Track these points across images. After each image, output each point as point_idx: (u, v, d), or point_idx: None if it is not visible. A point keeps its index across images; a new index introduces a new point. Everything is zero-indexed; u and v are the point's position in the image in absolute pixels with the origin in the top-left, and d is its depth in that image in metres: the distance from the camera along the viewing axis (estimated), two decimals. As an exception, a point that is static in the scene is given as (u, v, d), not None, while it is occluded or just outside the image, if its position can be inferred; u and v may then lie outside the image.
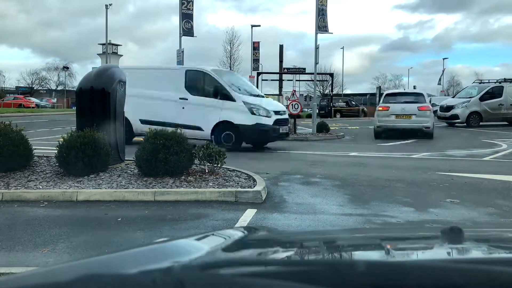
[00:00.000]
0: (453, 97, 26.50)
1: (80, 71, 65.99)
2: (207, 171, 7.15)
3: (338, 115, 36.35)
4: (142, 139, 8.21)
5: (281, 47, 43.11)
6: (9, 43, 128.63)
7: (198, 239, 1.17)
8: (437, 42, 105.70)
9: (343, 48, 57.37)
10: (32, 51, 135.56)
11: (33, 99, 50.29)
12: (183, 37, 19.58)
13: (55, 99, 58.73)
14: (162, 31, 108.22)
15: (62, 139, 7.08)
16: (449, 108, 22.70)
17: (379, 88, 45.83)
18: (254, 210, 5.58)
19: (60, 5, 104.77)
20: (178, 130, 7.09)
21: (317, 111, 21.81)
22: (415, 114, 15.45)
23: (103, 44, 47.85)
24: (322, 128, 17.77)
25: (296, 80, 38.15)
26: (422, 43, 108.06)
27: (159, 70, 13.44)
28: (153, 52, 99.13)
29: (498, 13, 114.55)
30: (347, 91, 63.03)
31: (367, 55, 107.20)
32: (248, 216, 5.34)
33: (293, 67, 38.34)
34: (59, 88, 66.37)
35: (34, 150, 7.64)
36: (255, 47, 35.99)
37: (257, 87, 32.79)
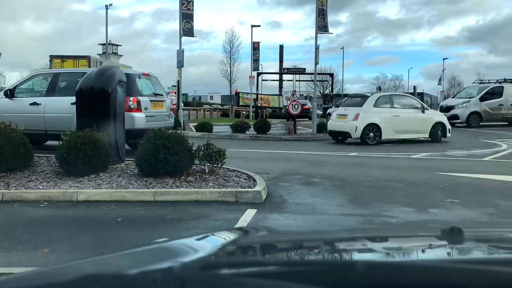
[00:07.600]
0: (453, 97, 26.52)
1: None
2: (207, 171, 7.15)
3: None
4: None
5: (281, 47, 43.20)
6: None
7: (198, 240, 1.17)
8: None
9: (343, 48, 57.56)
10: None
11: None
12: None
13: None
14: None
15: (62, 139, 7.08)
16: (449, 108, 22.68)
17: (379, 88, 45.84)
18: (254, 210, 5.57)
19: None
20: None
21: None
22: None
23: (103, 44, 47.71)
24: (322, 129, 17.74)
25: (296, 80, 38.19)
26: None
27: None
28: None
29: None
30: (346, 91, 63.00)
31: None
32: (248, 216, 5.33)
33: (293, 67, 38.39)
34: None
35: (34, 150, 7.64)
36: (255, 47, 35.99)
37: (257, 87, 32.86)
